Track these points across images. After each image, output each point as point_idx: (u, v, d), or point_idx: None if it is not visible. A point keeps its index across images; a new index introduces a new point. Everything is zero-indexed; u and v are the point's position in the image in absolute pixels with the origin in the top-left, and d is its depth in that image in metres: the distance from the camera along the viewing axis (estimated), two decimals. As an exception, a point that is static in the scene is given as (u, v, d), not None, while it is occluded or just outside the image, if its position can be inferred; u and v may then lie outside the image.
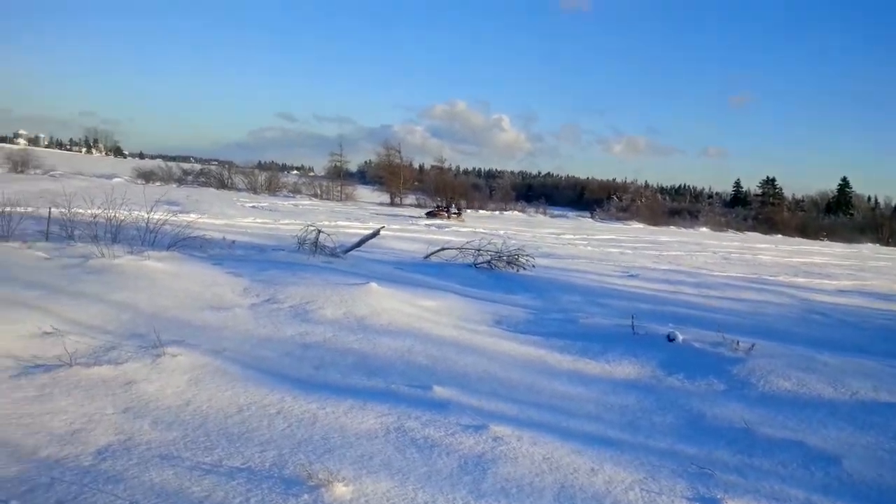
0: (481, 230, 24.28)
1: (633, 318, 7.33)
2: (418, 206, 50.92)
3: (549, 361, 6.01)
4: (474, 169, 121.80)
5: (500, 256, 12.07)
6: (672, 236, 36.46)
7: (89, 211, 10.49)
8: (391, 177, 53.73)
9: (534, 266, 11.99)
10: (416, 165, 66.38)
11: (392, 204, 50.08)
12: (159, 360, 4.67)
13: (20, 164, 41.23)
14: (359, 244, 12.41)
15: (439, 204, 37.78)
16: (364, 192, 54.53)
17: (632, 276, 13.56)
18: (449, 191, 53.53)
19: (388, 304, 7.25)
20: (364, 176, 75.76)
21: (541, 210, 56.99)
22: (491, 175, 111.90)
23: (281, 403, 4.21)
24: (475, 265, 11.91)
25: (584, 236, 28.25)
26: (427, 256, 12.78)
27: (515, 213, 51.89)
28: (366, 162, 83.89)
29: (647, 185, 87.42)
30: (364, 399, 4.42)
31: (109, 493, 2.89)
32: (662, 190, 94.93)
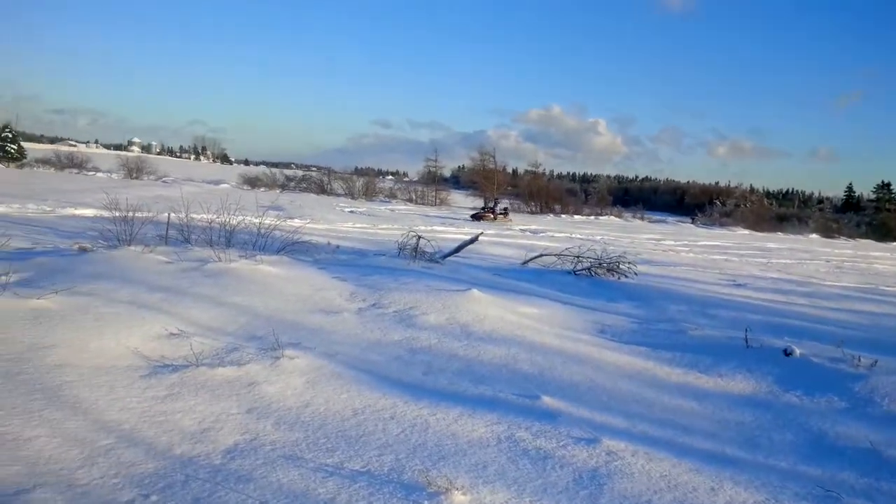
0: (577, 236, 23.97)
1: (746, 330, 7.06)
2: (512, 210, 50.85)
3: (657, 374, 5.87)
4: (569, 173, 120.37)
5: (600, 263, 11.85)
6: (780, 243, 34.81)
7: (202, 215, 11.05)
8: (485, 181, 53.85)
9: (636, 274, 11.71)
10: (509, 170, 66.27)
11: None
12: (278, 361, 4.86)
13: (135, 171, 44.18)
14: (457, 250, 12.50)
15: (485, 205, 36.98)
16: (458, 197, 54.85)
17: (739, 284, 13.03)
18: (543, 195, 53.20)
19: (490, 310, 7.27)
20: (458, 181, 76.43)
21: (638, 215, 55.59)
22: (586, 179, 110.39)
23: (394, 408, 4.30)
24: (574, 272, 11.76)
25: (686, 242, 27.39)
26: (525, 263, 12.72)
27: (612, 218, 50.87)
28: (459, 167, 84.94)
29: (752, 190, 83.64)
30: (473, 406, 4.46)
31: (241, 492, 3.03)
32: (768, 194, 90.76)
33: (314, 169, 75.34)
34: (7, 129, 50.71)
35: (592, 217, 49.03)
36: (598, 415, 4.61)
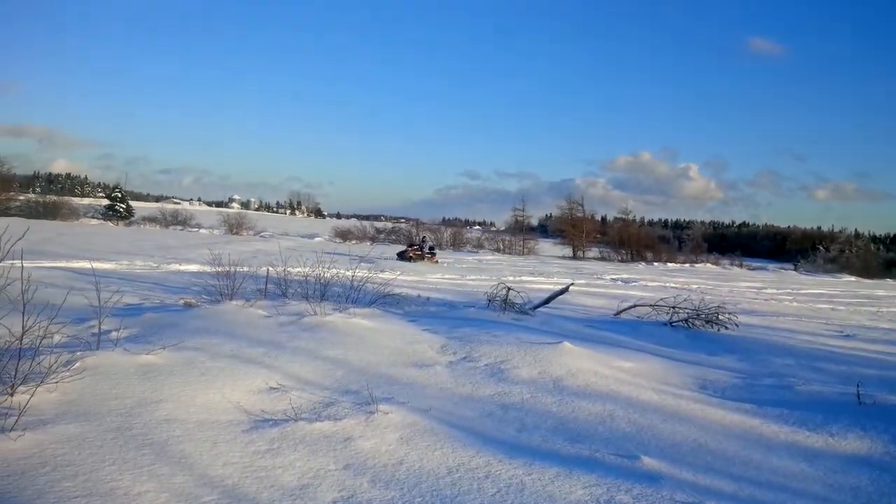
0: (672, 285, 23.30)
1: (858, 385, 6.62)
2: (602, 259, 50.08)
3: (764, 432, 5.54)
4: (660, 220, 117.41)
5: (697, 314, 11.41)
6: (890, 290, 32.69)
7: (298, 269, 11.41)
8: (573, 230, 53.48)
9: (737, 325, 11.21)
10: (598, 218, 65.61)
11: (574, 257, 49.71)
12: (372, 416, 4.90)
13: (235, 227, 46.62)
14: (548, 301, 12.37)
15: (411, 243, 35.34)
16: (546, 246, 54.59)
17: (848, 336, 12.28)
18: (634, 243, 52.18)
19: (583, 364, 7.11)
20: (545, 229, 76.23)
21: (736, 262, 53.52)
22: (678, 226, 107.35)
23: (488, 467, 4.23)
24: (670, 323, 11.37)
25: (789, 291, 26.10)
26: (618, 313, 12.43)
27: (708, 265, 49.24)
28: (547, 215, 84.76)
29: (857, 234, 79.18)
30: (569, 466, 4.33)
31: (339, 549, 3.03)
32: (875, 239, 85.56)
33: (403, 221, 77.09)
34: (117, 189, 54.73)
35: (687, 265, 47.59)
36: (703, 477, 4.38)
